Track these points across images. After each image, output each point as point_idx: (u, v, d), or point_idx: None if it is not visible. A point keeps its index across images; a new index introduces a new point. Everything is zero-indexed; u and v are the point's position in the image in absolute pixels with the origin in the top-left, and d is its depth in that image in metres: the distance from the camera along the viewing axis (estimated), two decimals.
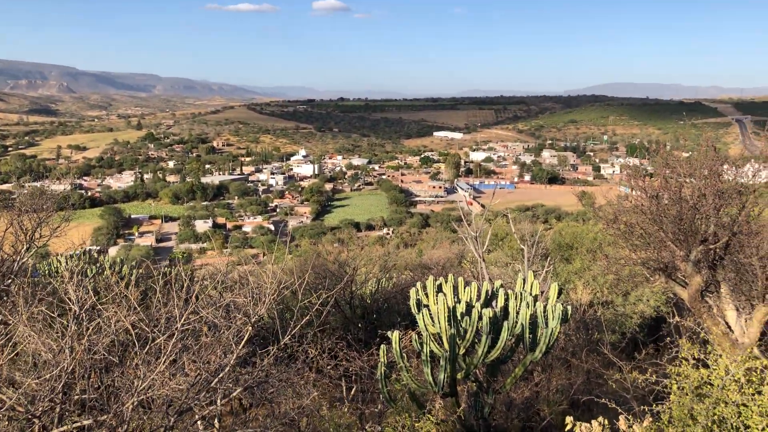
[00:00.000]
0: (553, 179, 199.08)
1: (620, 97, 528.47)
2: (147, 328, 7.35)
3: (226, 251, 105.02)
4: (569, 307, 10.15)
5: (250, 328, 7.99)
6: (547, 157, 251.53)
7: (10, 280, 11.29)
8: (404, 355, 10.22)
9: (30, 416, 5.75)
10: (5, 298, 9.80)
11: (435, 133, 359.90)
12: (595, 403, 9.13)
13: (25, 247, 13.71)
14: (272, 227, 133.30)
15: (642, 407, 7.04)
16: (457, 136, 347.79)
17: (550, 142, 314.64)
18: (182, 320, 7.20)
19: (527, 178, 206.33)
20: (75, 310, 6.93)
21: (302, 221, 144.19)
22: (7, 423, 5.76)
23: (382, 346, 10.22)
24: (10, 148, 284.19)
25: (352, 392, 13.41)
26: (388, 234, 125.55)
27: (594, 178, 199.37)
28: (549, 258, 19.38)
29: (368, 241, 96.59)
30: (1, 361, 5.77)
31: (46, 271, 18.11)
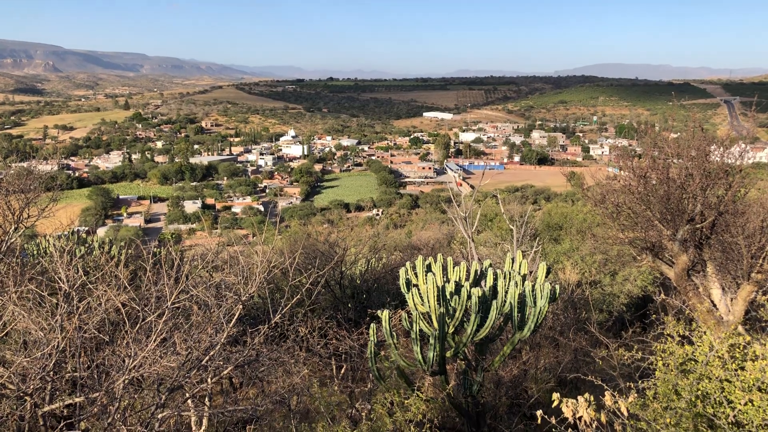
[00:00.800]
0: (543, 160, 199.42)
1: (610, 78, 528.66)
2: (137, 307, 7.37)
3: (215, 232, 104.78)
4: (557, 287, 10.24)
5: (241, 306, 8.03)
6: (537, 137, 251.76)
7: None
8: (394, 333, 10.29)
9: (21, 394, 5.77)
10: None
11: (425, 114, 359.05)
12: (582, 380, 9.25)
13: (12, 228, 13.63)
14: (261, 208, 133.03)
15: (628, 384, 7.15)
16: (447, 116, 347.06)
17: (539, 122, 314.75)
18: (173, 299, 7.21)
19: (517, 158, 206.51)
20: (65, 289, 6.92)
21: (292, 202, 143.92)
22: None
23: (372, 325, 10.28)
24: None
25: (342, 371, 13.52)
26: (377, 215, 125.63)
27: (583, 159, 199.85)
28: (538, 238, 19.51)
29: (358, 222, 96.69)
30: None
31: (34, 252, 18.04)
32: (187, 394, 7.49)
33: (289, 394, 9.82)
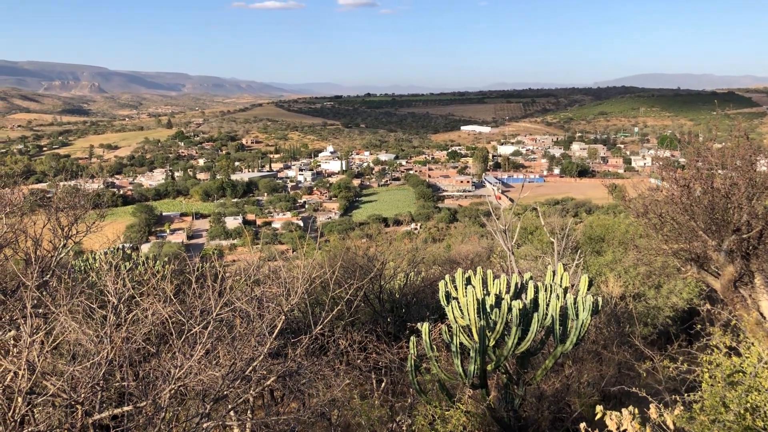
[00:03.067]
0: (583, 172, 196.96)
1: (651, 89, 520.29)
2: (183, 319, 7.53)
3: (256, 247, 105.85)
4: (600, 299, 10.11)
5: (283, 318, 8.14)
6: (577, 149, 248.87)
7: (49, 274, 11.61)
8: (434, 347, 10.29)
9: (72, 403, 5.95)
10: (45, 292, 10.09)
11: (462, 128, 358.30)
12: (626, 394, 9.11)
13: (62, 243, 14.05)
14: (301, 223, 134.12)
15: (674, 397, 7.01)
16: (485, 129, 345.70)
17: (579, 134, 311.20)
18: (216, 311, 7.36)
19: (556, 171, 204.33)
20: (114, 302, 7.13)
21: (330, 217, 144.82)
22: (51, 409, 5.98)
23: (412, 338, 10.30)
24: (44, 148, 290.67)
25: (383, 385, 13.52)
26: (415, 229, 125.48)
27: (625, 171, 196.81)
28: (579, 251, 19.27)
29: (396, 236, 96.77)
30: (45, 350, 5.98)
31: (81, 267, 18.51)
32: (230, 405, 7.60)
33: (329, 407, 9.87)
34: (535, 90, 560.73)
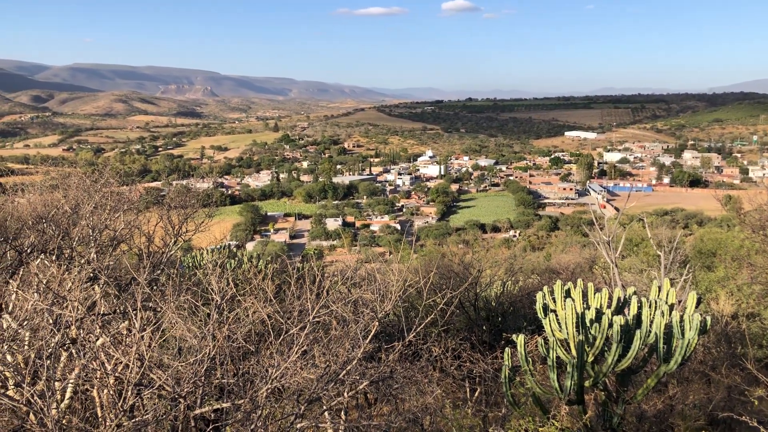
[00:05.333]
0: (695, 182, 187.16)
1: None
2: (281, 320, 7.76)
3: (354, 249, 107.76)
4: (708, 318, 9.56)
5: (377, 323, 8.22)
6: (689, 158, 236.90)
7: (159, 271, 12.26)
8: (529, 359, 10.07)
9: (176, 396, 6.26)
10: (155, 288, 10.67)
11: (566, 133, 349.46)
12: (736, 421, 8.57)
13: (172, 241, 14.83)
14: (398, 227, 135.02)
15: None
16: (590, 135, 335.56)
17: (692, 142, 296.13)
18: (314, 313, 7.53)
19: (666, 180, 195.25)
20: (217, 300, 7.44)
21: (428, 221, 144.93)
22: (156, 400, 6.32)
23: (507, 349, 10.13)
24: (160, 149, 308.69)
25: (476, 394, 13.38)
26: (514, 236, 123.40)
27: (741, 182, 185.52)
28: (688, 265, 18.33)
29: (494, 243, 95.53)
30: (153, 345, 6.32)
31: (190, 264, 19.45)
32: (325, 407, 7.76)
33: (422, 413, 9.87)
34: (644, 95, 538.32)
